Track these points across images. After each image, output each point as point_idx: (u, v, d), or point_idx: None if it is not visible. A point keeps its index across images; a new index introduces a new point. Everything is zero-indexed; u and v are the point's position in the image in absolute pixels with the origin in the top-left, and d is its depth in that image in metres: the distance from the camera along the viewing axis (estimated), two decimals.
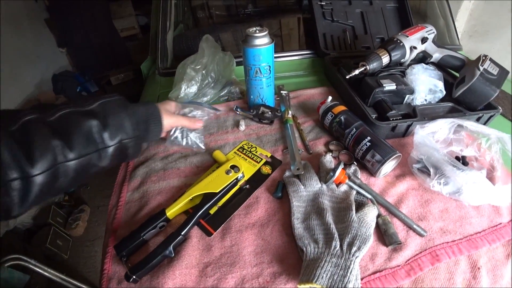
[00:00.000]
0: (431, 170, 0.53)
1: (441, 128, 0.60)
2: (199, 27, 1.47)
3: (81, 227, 1.77)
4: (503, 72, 0.68)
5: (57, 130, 0.38)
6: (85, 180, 0.52)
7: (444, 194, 0.51)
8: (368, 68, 0.67)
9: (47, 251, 1.57)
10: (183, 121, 0.57)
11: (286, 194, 0.52)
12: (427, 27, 0.72)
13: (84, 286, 1.30)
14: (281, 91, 0.75)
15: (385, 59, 0.68)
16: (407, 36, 0.70)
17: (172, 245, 0.44)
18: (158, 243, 0.45)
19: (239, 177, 0.53)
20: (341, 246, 0.42)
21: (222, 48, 0.79)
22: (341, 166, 0.51)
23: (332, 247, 0.41)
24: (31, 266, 1.18)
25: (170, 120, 0.54)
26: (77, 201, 1.91)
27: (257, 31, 0.59)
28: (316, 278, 0.37)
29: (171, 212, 0.48)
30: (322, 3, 0.92)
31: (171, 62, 1.03)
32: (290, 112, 0.67)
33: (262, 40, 0.59)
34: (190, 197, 0.50)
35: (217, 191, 0.51)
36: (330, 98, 0.65)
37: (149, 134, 0.51)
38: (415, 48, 0.70)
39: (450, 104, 0.68)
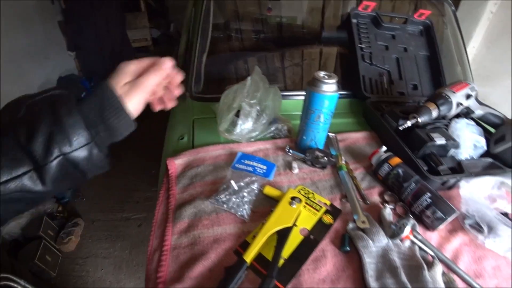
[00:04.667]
0: (485, 228, 0.55)
1: (486, 184, 0.63)
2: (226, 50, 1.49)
3: (74, 242, 1.66)
4: None
5: None
6: (20, 211, 0.35)
7: (500, 253, 0.53)
8: (419, 121, 0.69)
9: (34, 267, 1.45)
10: (150, 82, 0.41)
11: (353, 248, 0.51)
12: (470, 84, 0.76)
13: None
14: (329, 133, 0.75)
15: (434, 113, 0.71)
16: (454, 92, 0.73)
17: None
18: None
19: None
20: None
21: None
22: (411, 223, 0.51)
23: None
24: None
25: (135, 98, 0.39)
26: (70, 213, 1.81)
27: (326, 77, 0.60)
28: None
29: (250, 258, 0.47)
30: (362, 46, 0.95)
31: (202, 85, 1.01)
32: (343, 158, 0.67)
33: (331, 87, 0.60)
34: (265, 238, 0.49)
35: (291, 224, 0.51)
36: (384, 148, 0.66)
37: (113, 133, 0.38)
38: (461, 104, 0.73)
39: (489, 159, 0.71)
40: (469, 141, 0.70)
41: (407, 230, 0.50)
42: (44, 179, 0.33)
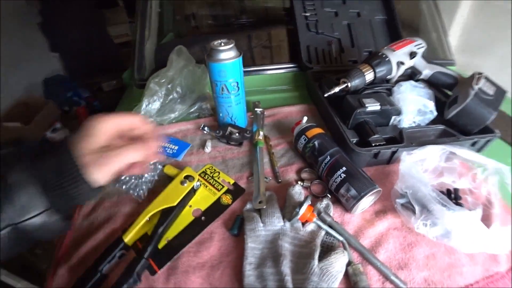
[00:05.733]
0: (416, 207, 0.45)
1: (431, 155, 0.53)
2: (188, 36, 1.44)
3: None
4: (500, 91, 0.62)
5: None
6: None
7: (431, 238, 0.43)
8: (349, 86, 0.61)
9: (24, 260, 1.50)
10: (127, 159, 0.34)
11: (243, 231, 0.45)
12: (416, 40, 0.66)
13: None
14: (256, 108, 0.69)
15: (369, 76, 0.62)
16: (394, 51, 0.63)
17: (136, 272, 0.39)
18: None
19: (195, 186, 0.51)
20: None
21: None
22: (308, 202, 0.44)
23: None
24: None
25: (105, 170, 0.32)
26: None
27: (222, 44, 0.53)
28: None
29: (129, 238, 0.44)
30: (307, 14, 0.87)
31: (150, 73, 0.97)
32: (261, 133, 0.60)
33: (227, 54, 0.53)
34: (147, 217, 0.46)
35: (175, 204, 0.47)
36: (305, 118, 0.58)
37: (72, 200, 0.32)
38: (402, 63, 0.63)
39: (441, 126, 0.61)
40: (412, 106, 0.61)
41: (302, 210, 0.43)
42: None
